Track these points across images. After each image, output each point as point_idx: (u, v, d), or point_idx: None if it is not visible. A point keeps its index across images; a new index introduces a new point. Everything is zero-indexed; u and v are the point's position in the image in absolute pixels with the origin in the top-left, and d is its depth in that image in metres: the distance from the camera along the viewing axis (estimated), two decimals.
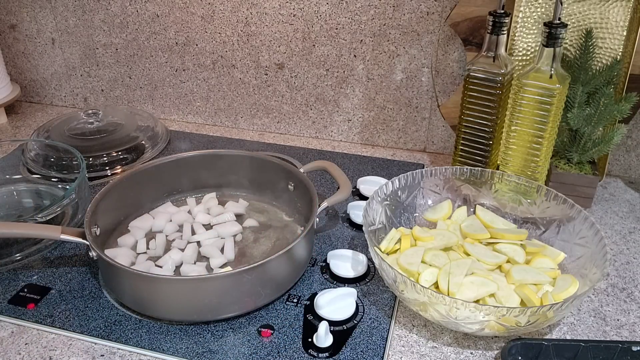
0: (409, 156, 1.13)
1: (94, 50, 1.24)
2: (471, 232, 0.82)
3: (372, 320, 0.72)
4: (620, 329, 0.73)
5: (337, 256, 0.81)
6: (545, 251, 0.78)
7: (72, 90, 1.32)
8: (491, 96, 0.90)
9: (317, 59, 1.11)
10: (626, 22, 0.89)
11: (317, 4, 1.06)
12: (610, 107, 0.87)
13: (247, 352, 0.68)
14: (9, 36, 1.28)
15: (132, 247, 0.83)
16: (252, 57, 1.15)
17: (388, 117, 1.13)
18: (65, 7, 1.21)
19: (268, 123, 1.22)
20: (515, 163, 0.92)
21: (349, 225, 0.91)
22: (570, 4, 0.91)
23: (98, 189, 0.84)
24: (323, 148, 1.16)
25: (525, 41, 0.95)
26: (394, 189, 0.85)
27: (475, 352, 0.69)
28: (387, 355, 0.68)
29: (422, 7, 1.01)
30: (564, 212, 0.81)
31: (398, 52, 1.06)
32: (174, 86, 1.23)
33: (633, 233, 0.91)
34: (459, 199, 0.90)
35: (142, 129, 1.14)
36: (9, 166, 1.03)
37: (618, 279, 0.82)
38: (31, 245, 0.82)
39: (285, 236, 0.87)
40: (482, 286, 0.70)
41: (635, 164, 1.05)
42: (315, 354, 0.67)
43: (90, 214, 0.78)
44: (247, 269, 0.68)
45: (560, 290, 0.71)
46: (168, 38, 1.18)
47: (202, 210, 0.90)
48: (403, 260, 0.74)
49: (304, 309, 0.74)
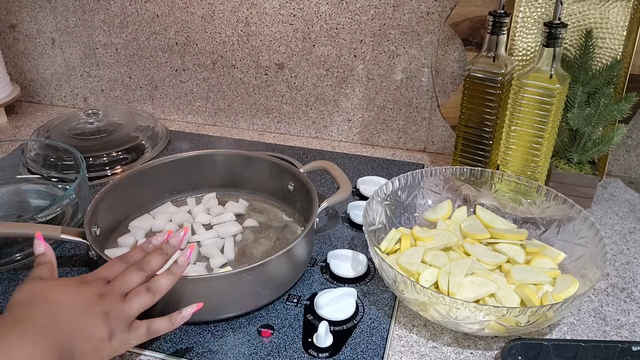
0: (409, 156, 1.13)
1: (94, 50, 1.24)
2: (471, 232, 0.82)
3: (372, 320, 0.72)
4: (620, 329, 0.73)
5: (337, 256, 0.81)
6: (545, 251, 0.78)
7: (72, 90, 1.32)
8: (491, 96, 0.90)
9: (317, 59, 1.11)
10: (626, 22, 0.89)
11: (317, 4, 1.06)
12: (610, 107, 0.87)
13: (247, 352, 0.68)
14: (9, 36, 1.28)
15: (132, 247, 0.83)
16: (252, 57, 1.15)
17: (388, 117, 1.13)
18: (65, 7, 1.21)
19: (268, 123, 1.22)
20: (515, 163, 0.92)
21: (349, 225, 0.91)
22: (570, 4, 0.91)
23: (98, 189, 0.84)
24: (323, 148, 1.16)
25: (525, 41, 0.95)
26: (394, 189, 0.85)
27: (475, 352, 0.69)
28: (387, 355, 0.68)
29: (422, 7, 1.01)
30: (564, 212, 0.81)
31: (398, 52, 1.06)
32: (174, 86, 1.23)
33: (633, 233, 0.91)
34: (459, 199, 0.90)
35: (142, 129, 1.14)
36: (9, 166, 1.03)
37: (618, 279, 0.82)
38: (31, 245, 0.82)
39: (285, 236, 0.87)
40: (482, 286, 0.70)
41: (635, 164, 1.05)
42: (315, 354, 0.67)
43: (90, 214, 0.78)
44: (247, 269, 0.68)
45: (560, 290, 0.71)
46: (168, 38, 1.18)
47: (202, 210, 0.90)
48: (403, 260, 0.74)
49: (304, 309, 0.74)
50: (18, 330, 0.52)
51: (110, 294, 0.59)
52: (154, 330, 0.60)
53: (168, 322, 0.61)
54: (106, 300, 0.58)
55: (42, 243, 0.63)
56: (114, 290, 0.59)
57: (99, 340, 0.55)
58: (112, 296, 0.58)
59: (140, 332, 0.59)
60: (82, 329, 0.55)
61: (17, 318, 0.53)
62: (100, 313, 0.56)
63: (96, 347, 0.55)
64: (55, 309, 0.55)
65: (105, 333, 0.56)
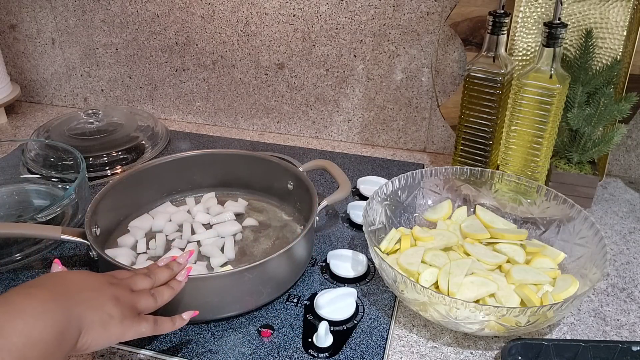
0: (409, 156, 1.13)
1: (94, 50, 1.24)
2: (471, 232, 0.82)
3: (372, 320, 0.72)
4: (620, 329, 0.73)
5: (337, 256, 0.81)
6: (545, 251, 0.78)
7: (72, 90, 1.32)
8: (491, 96, 0.90)
9: (317, 59, 1.11)
10: (626, 22, 0.89)
11: (317, 4, 1.06)
12: (610, 107, 0.87)
13: (247, 352, 0.68)
14: (9, 36, 1.28)
15: (132, 247, 0.83)
16: (252, 57, 1.15)
17: (388, 117, 1.13)
18: (65, 7, 1.21)
19: (268, 123, 1.22)
20: (515, 163, 0.92)
21: (349, 225, 0.91)
22: (570, 4, 0.91)
23: (98, 189, 0.84)
24: (323, 148, 1.16)
25: (525, 41, 0.95)
26: (394, 189, 0.85)
27: (475, 352, 0.69)
28: (387, 355, 0.68)
29: (422, 7, 1.01)
30: (564, 212, 0.81)
31: (398, 52, 1.06)
32: (174, 86, 1.23)
33: (633, 233, 0.91)
34: (459, 199, 0.90)
35: (142, 129, 1.14)
36: (9, 166, 1.03)
37: (618, 279, 0.82)
38: (31, 245, 0.82)
39: (285, 235, 0.87)
40: (482, 286, 0.70)
41: (635, 164, 1.05)
42: (315, 354, 0.67)
43: (90, 214, 0.78)
44: (248, 268, 0.68)
45: (560, 290, 0.71)
46: (168, 38, 1.18)
47: (201, 210, 0.90)
48: (403, 260, 0.74)
49: (304, 309, 0.74)
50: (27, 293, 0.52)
51: (120, 285, 0.60)
52: (160, 325, 0.61)
53: (171, 323, 0.63)
54: (116, 287, 0.59)
55: (60, 267, 0.65)
56: (123, 283, 0.61)
57: (108, 315, 0.56)
58: (122, 287, 0.60)
59: (149, 323, 0.60)
60: (92, 301, 0.55)
61: (27, 286, 0.54)
62: (110, 295, 0.57)
63: (105, 322, 0.55)
64: (66, 282, 0.56)
65: (116, 312, 0.56)
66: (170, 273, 0.66)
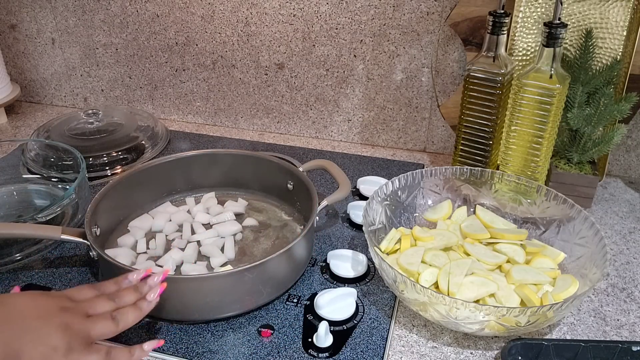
0: (409, 156, 1.13)
1: (94, 50, 1.24)
2: (471, 232, 0.82)
3: (372, 320, 0.72)
4: (620, 329, 0.73)
5: (337, 256, 0.81)
6: (545, 251, 0.78)
7: (72, 90, 1.32)
8: (491, 96, 0.90)
9: (317, 59, 1.11)
10: (626, 22, 0.89)
11: (317, 4, 1.06)
12: (610, 107, 0.87)
13: (247, 352, 0.68)
14: (9, 36, 1.28)
15: (132, 247, 0.83)
16: (252, 57, 1.15)
17: (388, 117, 1.13)
18: (65, 7, 1.21)
19: (268, 123, 1.22)
20: (515, 163, 0.92)
21: (349, 225, 0.91)
22: (570, 4, 0.91)
23: (98, 189, 0.84)
24: (323, 148, 1.16)
25: (525, 41, 0.95)
26: (394, 189, 0.85)
27: (475, 352, 0.69)
28: (387, 355, 0.68)
29: (422, 7, 1.01)
30: (564, 212, 0.81)
31: (398, 52, 1.06)
32: (174, 86, 1.23)
33: (633, 233, 0.91)
34: (459, 199, 0.90)
35: (142, 129, 1.14)
36: (9, 166, 1.03)
37: (618, 279, 0.82)
38: (31, 245, 0.82)
39: (285, 235, 0.87)
40: (482, 286, 0.70)
41: (635, 164, 1.05)
42: (315, 354, 0.67)
43: (90, 214, 0.78)
44: (248, 268, 0.68)
45: (560, 290, 0.71)
46: (168, 38, 1.18)
47: (201, 210, 0.90)
48: (403, 260, 0.74)
49: (304, 309, 0.74)
50: None
51: (74, 310, 0.56)
52: (113, 356, 0.56)
53: (128, 354, 0.58)
54: (68, 314, 0.55)
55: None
56: (78, 307, 0.57)
57: (52, 349, 0.52)
58: (75, 312, 0.56)
59: (100, 354, 0.55)
60: (35, 333, 0.52)
61: None
62: (58, 324, 0.53)
63: (47, 356, 0.51)
64: (9, 310, 0.53)
65: (62, 344, 0.52)
66: (138, 297, 0.62)
